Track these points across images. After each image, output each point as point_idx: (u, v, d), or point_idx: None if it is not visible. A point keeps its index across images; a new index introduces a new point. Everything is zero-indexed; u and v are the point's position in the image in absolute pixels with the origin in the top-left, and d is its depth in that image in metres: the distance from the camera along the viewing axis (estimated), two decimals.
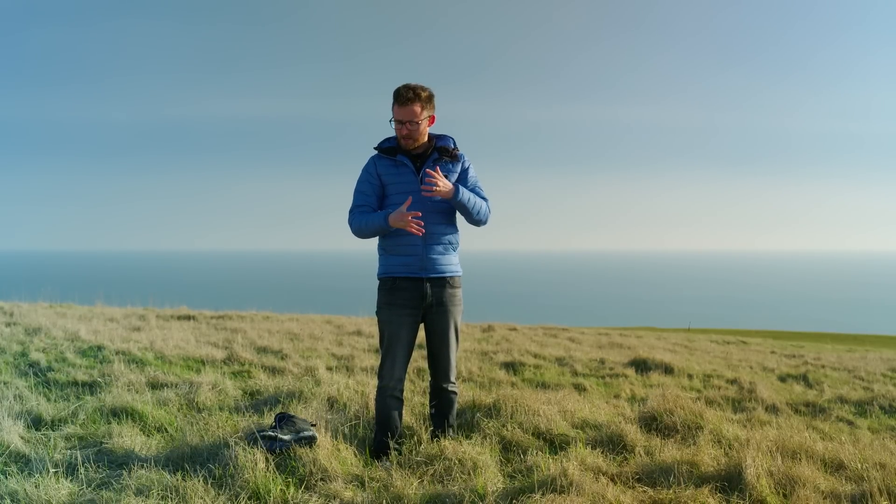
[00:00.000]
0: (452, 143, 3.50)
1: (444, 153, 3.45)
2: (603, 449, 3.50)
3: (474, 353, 7.70)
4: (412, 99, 3.29)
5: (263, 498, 2.86)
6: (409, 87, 3.30)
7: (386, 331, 3.44)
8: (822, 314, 51.49)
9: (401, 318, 3.41)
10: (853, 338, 23.19)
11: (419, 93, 3.31)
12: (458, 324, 3.53)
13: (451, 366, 3.53)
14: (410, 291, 3.40)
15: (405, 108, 3.30)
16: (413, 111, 3.30)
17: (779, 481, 3.02)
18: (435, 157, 3.43)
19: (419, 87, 3.32)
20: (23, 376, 5.07)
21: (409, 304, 3.41)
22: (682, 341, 13.01)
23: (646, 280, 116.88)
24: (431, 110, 3.39)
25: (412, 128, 3.33)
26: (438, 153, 3.44)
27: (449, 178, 3.42)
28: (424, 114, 3.35)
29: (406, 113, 3.30)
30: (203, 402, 4.46)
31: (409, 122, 3.32)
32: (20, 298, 11.71)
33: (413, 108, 3.30)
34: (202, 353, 6.33)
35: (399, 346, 3.42)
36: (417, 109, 3.31)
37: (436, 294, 3.43)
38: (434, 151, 3.45)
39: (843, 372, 8.71)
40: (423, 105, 3.33)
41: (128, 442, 3.51)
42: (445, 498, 2.84)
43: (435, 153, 3.44)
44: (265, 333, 8.28)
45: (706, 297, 75.84)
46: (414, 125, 3.33)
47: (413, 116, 3.31)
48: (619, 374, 7.07)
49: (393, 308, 3.42)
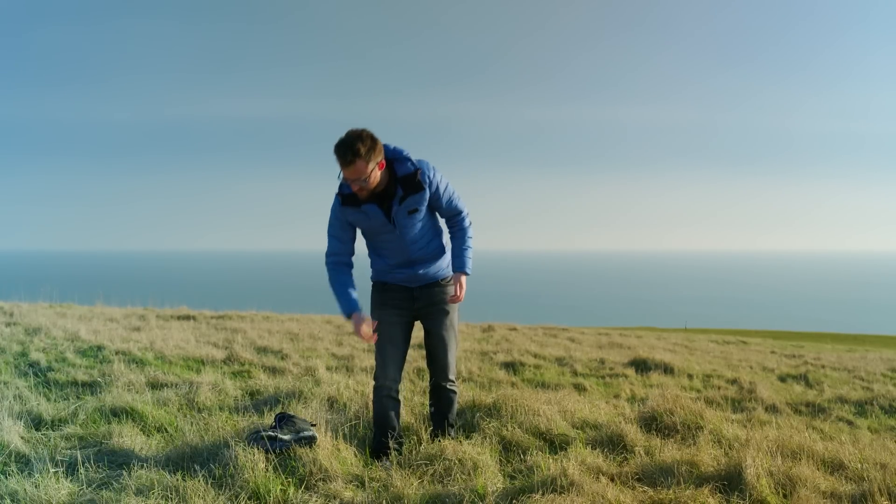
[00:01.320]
0: (412, 165, 3.28)
1: (407, 186, 3.26)
2: (603, 449, 3.50)
3: (474, 353, 7.71)
4: (352, 160, 3.08)
5: (263, 498, 2.85)
6: (347, 147, 3.07)
7: (379, 331, 3.44)
8: (822, 314, 51.46)
9: (393, 318, 3.43)
10: (853, 338, 23.19)
11: (358, 150, 3.07)
12: (454, 321, 3.53)
13: (449, 364, 3.53)
14: (402, 293, 3.45)
15: (349, 168, 3.10)
16: (359, 170, 3.10)
17: (779, 481, 3.01)
18: (400, 195, 3.26)
19: (357, 143, 3.07)
20: (23, 376, 5.06)
21: (400, 305, 3.44)
22: (682, 341, 13.01)
23: (646, 280, 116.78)
24: (378, 157, 3.15)
25: (364, 185, 3.15)
26: (402, 187, 3.26)
27: (419, 208, 3.31)
28: (371, 165, 3.12)
29: (352, 173, 3.11)
30: (203, 402, 4.46)
31: (357, 181, 3.14)
32: (20, 298, 11.70)
33: (357, 167, 3.09)
34: (202, 353, 6.33)
35: (392, 346, 3.43)
36: (362, 166, 3.09)
37: (427, 296, 3.45)
38: (398, 186, 3.26)
39: (843, 372, 8.71)
40: (367, 159, 3.10)
41: (128, 442, 3.50)
42: (445, 498, 2.84)
43: (399, 189, 3.26)
44: (265, 333, 8.28)
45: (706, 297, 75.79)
46: (365, 182, 3.14)
47: (361, 174, 3.11)
48: (619, 374, 7.07)
49: (385, 308, 3.45)
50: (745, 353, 11.37)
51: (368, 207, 3.27)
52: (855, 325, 36.35)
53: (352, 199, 3.29)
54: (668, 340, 12.83)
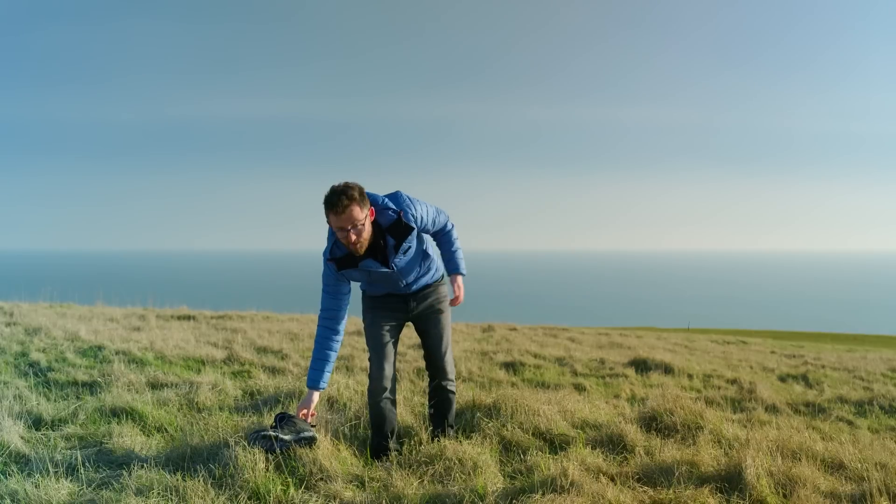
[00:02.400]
0: (393, 212, 3.22)
1: (396, 234, 3.21)
2: (603, 449, 3.50)
3: (474, 353, 7.70)
4: (348, 204, 3.02)
5: (263, 498, 2.86)
6: (340, 194, 3.02)
7: (371, 333, 3.47)
8: (822, 314, 51.48)
9: (385, 320, 3.46)
10: (853, 338, 23.19)
11: (352, 195, 3.02)
12: (448, 321, 3.56)
13: (446, 364, 3.55)
14: (394, 300, 3.48)
15: (344, 215, 3.03)
16: (354, 215, 3.04)
17: (779, 481, 3.01)
18: (392, 244, 3.23)
19: (349, 189, 3.03)
20: (23, 376, 5.07)
21: (393, 308, 3.48)
22: (682, 341, 13.00)
23: (646, 280, 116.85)
24: (367, 205, 3.11)
25: (359, 230, 3.08)
26: (392, 237, 3.22)
27: (411, 248, 3.29)
28: (364, 212, 3.08)
29: (347, 220, 3.04)
30: (203, 402, 4.46)
31: (352, 229, 3.07)
32: (20, 298, 11.70)
33: (352, 212, 3.03)
34: (202, 353, 6.33)
35: (386, 347, 3.44)
36: (357, 211, 3.04)
37: (421, 297, 3.50)
38: (387, 236, 3.22)
39: (843, 372, 8.70)
40: (360, 204, 3.05)
41: (128, 442, 3.51)
42: (445, 498, 2.84)
43: (390, 239, 3.22)
44: (265, 333, 8.28)
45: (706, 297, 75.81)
46: (360, 228, 3.08)
47: (356, 221, 3.05)
48: (619, 374, 7.07)
49: (377, 311, 3.48)
50: (745, 353, 11.37)
51: (367, 264, 3.23)
52: (855, 325, 36.37)
53: (347, 261, 3.22)
54: (668, 340, 12.83)
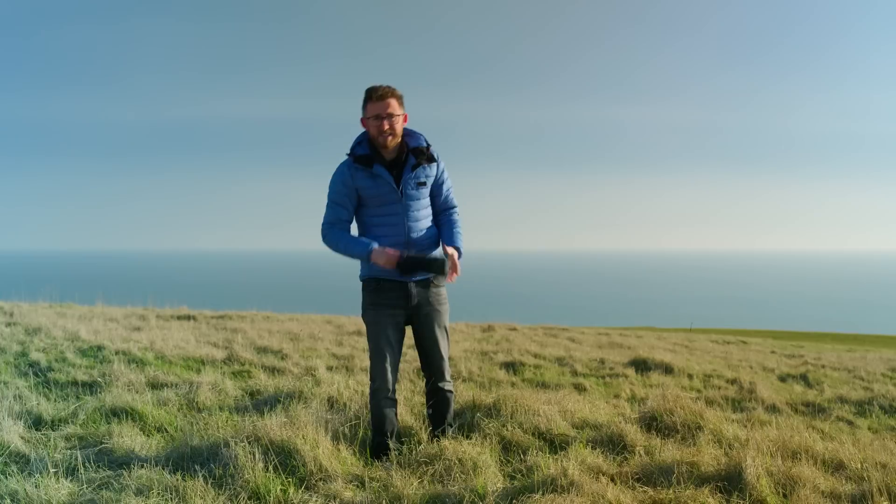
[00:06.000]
0: (425, 141, 3.39)
1: (419, 155, 3.35)
2: (603, 449, 3.49)
3: (474, 353, 7.70)
4: (387, 94, 3.24)
5: (263, 498, 2.85)
6: (380, 85, 3.25)
7: (373, 332, 3.43)
8: (822, 314, 51.48)
9: (387, 318, 3.41)
10: (853, 338, 23.19)
11: (393, 89, 3.26)
12: (445, 322, 3.54)
13: (444, 364, 3.54)
14: (395, 291, 3.40)
15: (382, 102, 3.23)
16: (390, 106, 3.24)
17: (779, 481, 3.01)
18: (412, 163, 3.33)
19: (390, 86, 3.27)
20: (23, 376, 5.07)
21: (394, 304, 3.41)
22: (682, 341, 13.01)
23: (646, 280, 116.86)
24: (404, 107, 3.32)
25: (392, 121, 3.24)
26: (414, 156, 3.34)
27: (427, 182, 3.37)
28: (401, 110, 3.29)
29: (384, 107, 3.23)
30: (203, 402, 4.46)
31: (387, 117, 3.24)
32: (20, 298, 11.70)
33: (390, 102, 3.24)
34: (202, 353, 6.33)
35: (387, 346, 3.42)
36: (395, 104, 3.25)
37: (421, 294, 3.43)
38: (409, 155, 3.34)
39: (843, 372, 8.71)
40: (399, 101, 3.28)
41: (128, 442, 3.50)
42: (445, 498, 2.84)
43: (411, 158, 3.34)
44: (265, 333, 8.28)
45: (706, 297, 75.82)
46: (394, 118, 3.25)
47: (392, 110, 3.24)
48: (619, 374, 7.07)
49: (379, 308, 3.42)
50: (746, 352, 11.38)
51: (379, 170, 3.29)
52: (855, 325, 36.36)
53: (365, 160, 3.30)
54: (668, 340, 12.83)
